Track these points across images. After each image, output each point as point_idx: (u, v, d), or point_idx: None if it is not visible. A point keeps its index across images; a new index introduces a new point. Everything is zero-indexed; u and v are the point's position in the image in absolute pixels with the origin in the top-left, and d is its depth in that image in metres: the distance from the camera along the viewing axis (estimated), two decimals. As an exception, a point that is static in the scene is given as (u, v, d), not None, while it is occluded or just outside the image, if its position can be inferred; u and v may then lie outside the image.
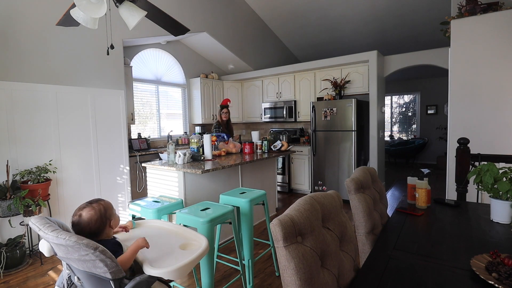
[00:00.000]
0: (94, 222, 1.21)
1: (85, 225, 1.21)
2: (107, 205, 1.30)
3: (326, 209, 1.11)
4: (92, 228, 1.21)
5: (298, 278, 0.85)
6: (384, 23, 5.40)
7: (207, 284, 1.74)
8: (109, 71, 3.64)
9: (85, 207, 1.25)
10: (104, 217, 1.25)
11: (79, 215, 1.22)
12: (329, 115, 4.55)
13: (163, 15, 2.24)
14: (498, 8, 2.83)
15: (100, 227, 1.23)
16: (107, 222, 1.26)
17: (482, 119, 2.87)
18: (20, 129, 2.87)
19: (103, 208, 1.27)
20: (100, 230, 1.23)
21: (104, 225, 1.24)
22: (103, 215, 1.25)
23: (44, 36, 3.05)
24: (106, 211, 1.27)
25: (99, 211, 1.24)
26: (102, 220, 1.24)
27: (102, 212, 1.25)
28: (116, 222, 1.32)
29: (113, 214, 1.31)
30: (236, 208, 2.24)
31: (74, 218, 1.23)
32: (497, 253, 1.02)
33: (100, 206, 1.27)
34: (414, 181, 1.82)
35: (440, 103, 7.87)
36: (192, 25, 4.54)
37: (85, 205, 1.26)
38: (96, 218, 1.22)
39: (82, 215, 1.22)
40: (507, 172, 1.46)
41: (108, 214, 1.27)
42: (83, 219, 1.21)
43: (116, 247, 1.22)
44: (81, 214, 1.22)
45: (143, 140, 4.49)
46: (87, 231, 1.20)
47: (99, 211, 1.24)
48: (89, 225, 1.21)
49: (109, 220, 1.27)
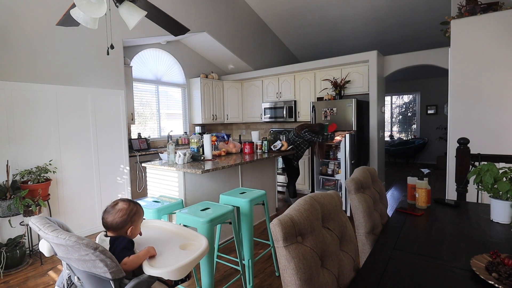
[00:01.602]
0: (120, 216, 1.25)
1: (112, 214, 1.26)
2: (138, 211, 1.33)
3: (326, 209, 1.11)
4: (115, 220, 1.25)
5: (298, 278, 0.85)
6: (384, 23, 5.40)
7: (207, 284, 1.74)
8: (109, 71, 3.64)
9: (124, 201, 1.31)
10: (129, 219, 1.27)
11: (115, 203, 1.29)
12: (329, 115, 4.55)
13: (163, 15, 2.24)
14: (498, 8, 2.83)
15: (120, 224, 1.25)
16: (129, 224, 1.27)
17: (482, 119, 2.87)
18: (20, 129, 2.87)
19: (135, 211, 1.30)
20: (119, 227, 1.25)
21: (125, 225, 1.26)
22: (130, 216, 1.27)
23: (44, 36, 3.05)
24: (134, 215, 1.29)
25: (130, 210, 1.28)
26: (126, 220, 1.26)
27: (131, 213, 1.28)
28: (135, 231, 1.31)
29: (138, 222, 1.31)
30: (236, 208, 2.24)
31: (110, 204, 1.30)
32: (497, 253, 1.02)
33: (134, 207, 1.31)
34: (414, 181, 1.82)
35: (440, 103, 7.87)
36: (192, 25, 4.54)
37: (125, 199, 1.33)
38: (123, 214, 1.26)
39: (118, 205, 1.28)
40: (507, 172, 1.46)
41: (134, 219, 1.29)
42: (115, 208, 1.27)
43: (129, 245, 1.23)
44: (117, 203, 1.29)
45: (143, 140, 4.49)
46: (110, 220, 1.25)
47: (130, 211, 1.28)
48: (115, 216, 1.25)
49: (131, 223, 1.28)
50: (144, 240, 1.36)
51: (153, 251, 1.22)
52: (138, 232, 1.34)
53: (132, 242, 1.26)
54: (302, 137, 4.06)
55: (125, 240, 1.23)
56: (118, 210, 1.26)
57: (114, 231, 1.26)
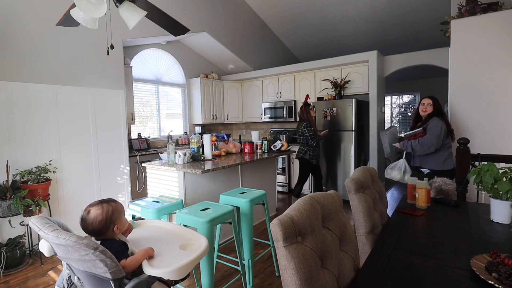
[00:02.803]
0: (98, 222, 1.21)
1: (90, 223, 1.22)
2: (116, 208, 1.27)
3: (326, 209, 1.11)
4: (95, 227, 1.21)
5: (298, 278, 0.85)
6: (384, 23, 5.40)
7: (207, 284, 1.74)
8: (109, 71, 3.64)
9: (95, 205, 1.25)
10: (109, 220, 1.23)
11: (87, 211, 1.24)
12: (329, 115, 4.55)
13: (163, 15, 2.24)
14: (498, 8, 2.83)
15: (103, 228, 1.22)
16: (111, 225, 1.24)
17: (482, 119, 2.87)
18: (20, 129, 2.87)
19: (111, 210, 1.25)
20: (102, 231, 1.23)
21: (108, 227, 1.23)
22: (109, 218, 1.23)
23: (44, 36, 3.05)
24: (112, 214, 1.24)
25: (106, 212, 1.23)
26: (106, 222, 1.22)
27: (108, 214, 1.23)
28: (122, 227, 1.28)
29: (120, 218, 1.27)
30: (236, 208, 2.24)
31: (83, 213, 1.24)
32: (497, 253, 1.02)
33: (109, 207, 1.25)
34: (414, 181, 1.82)
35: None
36: (192, 25, 4.54)
37: (96, 203, 1.27)
38: (100, 219, 1.21)
39: (90, 212, 1.23)
40: (507, 172, 1.46)
41: (114, 218, 1.24)
42: (89, 217, 1.22)
43: (122, 248, 1.21)
44: (89, 211, 1.24)
45: (143, 140, 4.49)
46: (90, 228, 1.22)
47: (106, 213, 1.23)
48: (93, 223, 1.21)
49: (113, 223, 1.24)
50: (144, 240, 1.36)
51: (151, 252, 1.21)
52: (125, 225, 1.30)
53: (125, 244, 1.25)
54: (302, 133, 3.97)
55: (116, 243, 1.20)
56: (94, 218, 1.21)
57: (100, 236, 1.23)
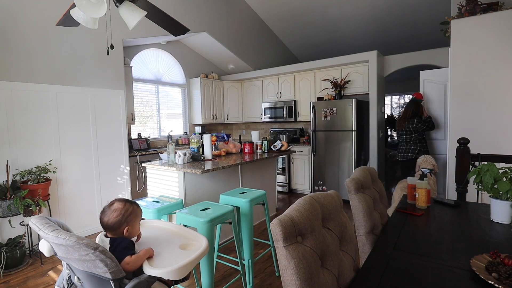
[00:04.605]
0: (114, 217, 1.24)
1: (107, 214, 1.25)
2: (134, 211, 1.30)
3: (326, 209, 1.11)
4: (109, 221, 1.24)
5: (298, 278, 0.85)
6: (384, 23, 5.40)
7: (207, 284, 1.74)
8: (109, 71, 3.63)
9: (119, 201, 1.29)
10: (124, 219, 1.25)
11: (111, 203, 1.28)
12: (329, 115, 4.55)
13: (163, 15, 2.24)
14: (498, 8, 2.83)
15: (115, 225, 1.24)
16: (124, 225, 1.25)
17: (482, 119, 2.87)
18: (20, 129, 2.87)
19: (130, 211, 1.27)
20: (114, 227, 1.24)
21: (120, 226, 1.24)
22: (125, 217, 1.25)
23: (44, 36, 3.05)
24: (129, 215, 1.27)
25: (125, 210, 1.26)
26: (121, 220, 1.24)
27: (126, 213, 1.26)
28: (133, 232, 1.28)
29: (134, 222, 1.29)
30: (236, 208, 2.24)
31: (106, 205, 1.29)
32: (497, 253, 1.02)
33: (130, 208, 1.28)
34: (414, 181, 1.82)
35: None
36: (192, 25, 4.54)
37: (121, 200, 1.31)
38: (117, 214, 1.25)
39: (113, 205, 1.27)
40: (507, 172, 1.46)
41: (129, 219, 1.26)
42: (110, 208, 1.26)
43: (131, 245, 1.23)
44: (113, 203, 1.28)
45: (143, 140, 4.49)
46: (105, 220, 1.25)
47: (125, 211, 1.26)
48: (109, 216, 1.25)
49: (127, 224, 1.25)
50: (144, 240, 1.36)
51: (151, 252, 1.21)
52: (136, 232, 1.31)
53: (133, 242, 1.26)
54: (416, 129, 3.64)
55: (126, 241, 1.22)
56: (113, 210, 1.25)
57: (110, 231, 1.25)
